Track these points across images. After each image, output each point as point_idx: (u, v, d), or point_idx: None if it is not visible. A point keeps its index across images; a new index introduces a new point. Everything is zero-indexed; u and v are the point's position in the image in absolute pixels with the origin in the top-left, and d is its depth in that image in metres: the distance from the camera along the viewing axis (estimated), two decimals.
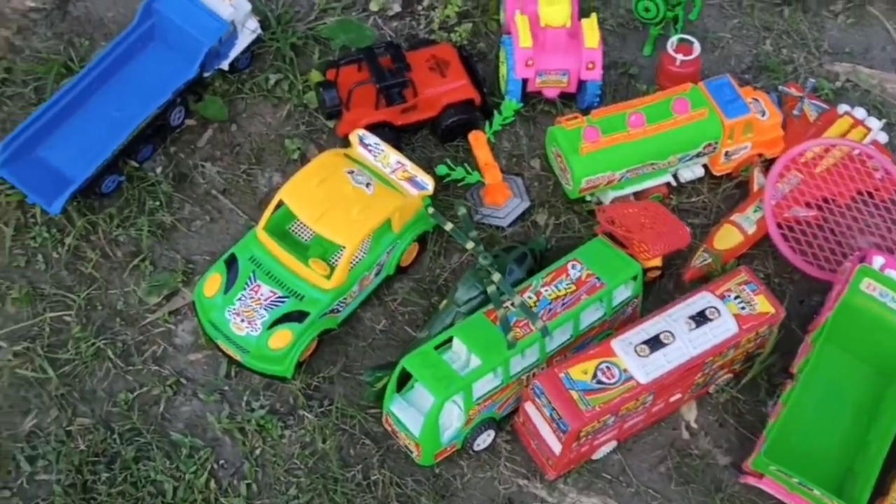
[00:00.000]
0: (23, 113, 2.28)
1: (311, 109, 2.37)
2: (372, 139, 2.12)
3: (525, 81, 2.32)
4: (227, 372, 2.03)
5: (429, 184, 2.09)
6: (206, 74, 2.30)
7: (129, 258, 2.16)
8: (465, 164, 2.21)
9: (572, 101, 2.41)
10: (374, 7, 2.54)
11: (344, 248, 1.95)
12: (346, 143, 2.26)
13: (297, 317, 1.95)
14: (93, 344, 2.04)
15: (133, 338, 2.07)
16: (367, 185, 2.02)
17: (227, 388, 2.03)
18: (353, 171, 2.04)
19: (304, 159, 2.32)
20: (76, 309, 2.08)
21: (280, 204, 2.01)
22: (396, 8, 2.54)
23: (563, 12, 2.25)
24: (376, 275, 2.08)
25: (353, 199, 1.98)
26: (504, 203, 2.25)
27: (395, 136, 2.26)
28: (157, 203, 2.22)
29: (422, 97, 2.26)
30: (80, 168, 2.10)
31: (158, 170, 2.27)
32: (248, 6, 2.34)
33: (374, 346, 2.10)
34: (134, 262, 2.15)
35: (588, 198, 2.25)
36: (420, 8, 2.56)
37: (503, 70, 2.37)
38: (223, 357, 2.02)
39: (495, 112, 2.27)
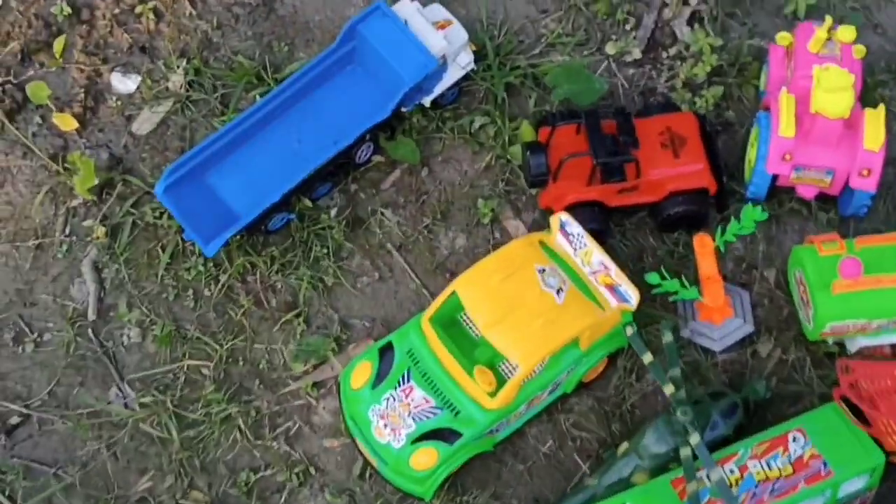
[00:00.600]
0: (204, 122, 2.09)
1: (514, 164, 2.05)
2: (575, 228, 1.78)
3: (776, 176, 1.90)
4: (362, 472, 1.79)
5: (633, 298, 1.73)
6: (404, 109, 2.02)
7: (282, 310, 1.94)
8: (683, 277, 1.83)
9: (831, 204, 1.97)
10: (610, 50, 2.16)
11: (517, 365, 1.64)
12: (545, 215, 1.94)
13: (448, 436, 1.67)
14: (224, 409, 1.83)
15: (269, 407, 1.86)
16: (559, 290, 1.69)
17: (358, 489, 1.78)
18: (544, 270, 1.71)
19: (495, 223, 2.01)
20: (216, 361, 1.89)
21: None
22: (636, 53, 2.16)
23: (843, 102, 1.79)
24: (550, 392, 1.75)
25: (538, 307, 1.66)
26: (721, 322, 1.86)
27: (605, 217, 1.91)
28: (325, 251, 1.98)
29: (645, 178, 1.89)
30: (247, 206, 1.88)
31: (333, 212, 2.02)
32: (465, 37, 2.03)
33: (533, 471, 1.80)
34: (287, 316, 1.93)
35: (829, 340, 1.82)
36: (665, 56, 2.17)
37: (751, 154, 1.95)
38: (360, 453, 1.78)
39: (732, 218, 1.85)
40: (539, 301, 1.67)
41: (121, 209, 2.01)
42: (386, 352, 1.75)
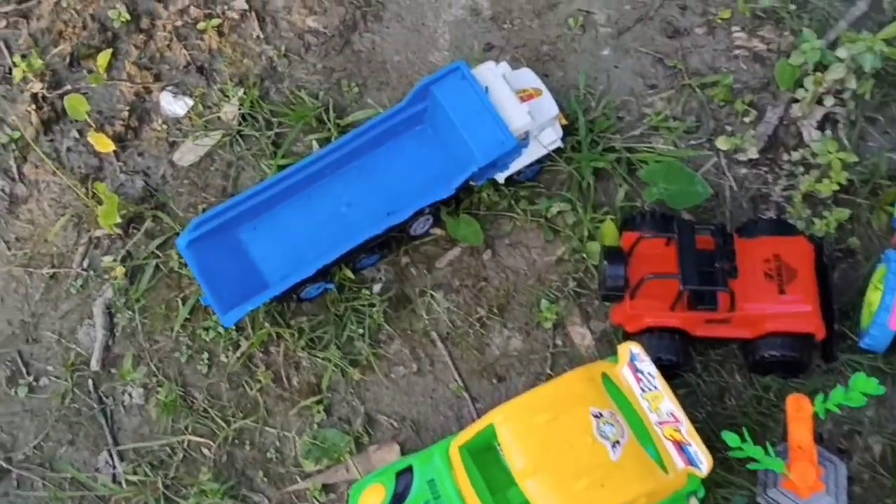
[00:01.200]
0: (253, 161, 1.89)
1: (590, 263, 1.79)
2: (647, 366, 1.52)
3: None
4: None
5: (704, 464, 1.47)
6: (474, 184, 1.78)
7: (303, 393, 1.73)
8: (767, 441, 1.55)
9: None
10: (722, 144, 1.88)
11: None
12: (616, 332, 1.69)
13: None
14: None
15: None
16: (615, 443, 1.43)
17: None
18: (601, 415, 1.45)
19: (558, 328, 1.76)
20: (220, 441, 1.68)
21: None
22: (753, 152, 1.88)
23: None
24: None
25: (587, 461, 1.41)
26: (809, 496, 1.57)
27: (686, 346, 1.65)
28: (361, 330, 1.75)
29: (741, 312, 1.62)
30: (279, 275, 1.67)
31: (377, 287, 1.79)
32: (554, 112, 1.78)
33: None
34: (307, 402, 1.71)
35: None
36: (786, 160, 1.88)
37: (873, 298, 1.66)
38: None
39: (838, 385, 1.56)
40: (590, 453, 1.41)
41: (145, 248, 1.82)
42: (404, 475, 1.52)
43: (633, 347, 1.53)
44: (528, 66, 1.89)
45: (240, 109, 1.90)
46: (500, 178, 1.79)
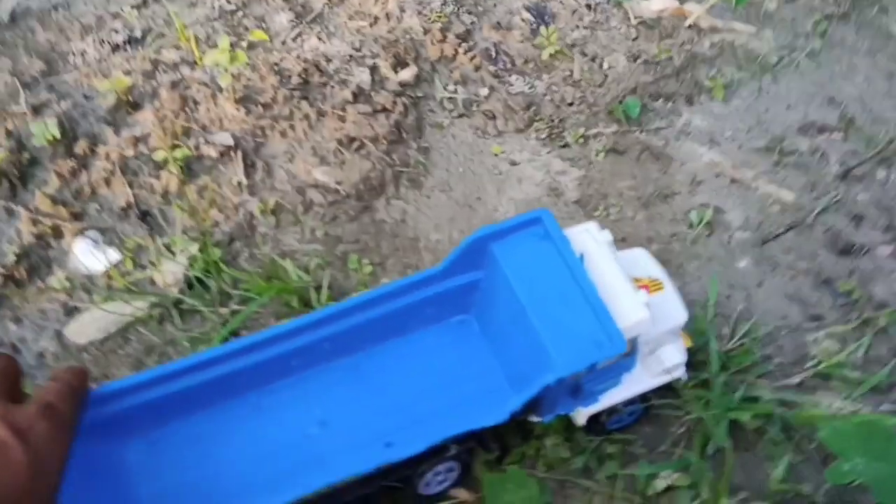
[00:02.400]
0: (189, 351, 1.22)
1: None
2: None
3: None
4: None
5: None
6: (535, 418, 1.08)
7: None
8: None
9: None
10: None
11: None
12: None
13: None
14: None
15: None
16: None
17: None
18: None
19: None
20: None
21: None
22: None
23: None
24: None
25: None
26: None
27: None
28: None
29: None
30: None
31: None
32: (683, 317, 1.11)
33: None
34: None
35: None
36: None
37: None
38: None
39: None
40: None
41: None
42: None
43: None
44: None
45: (187, 271, 1.27)
46: (580, 416, 1.10)
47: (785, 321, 1.32)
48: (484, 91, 1.60)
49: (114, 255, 1.29)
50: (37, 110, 1.42)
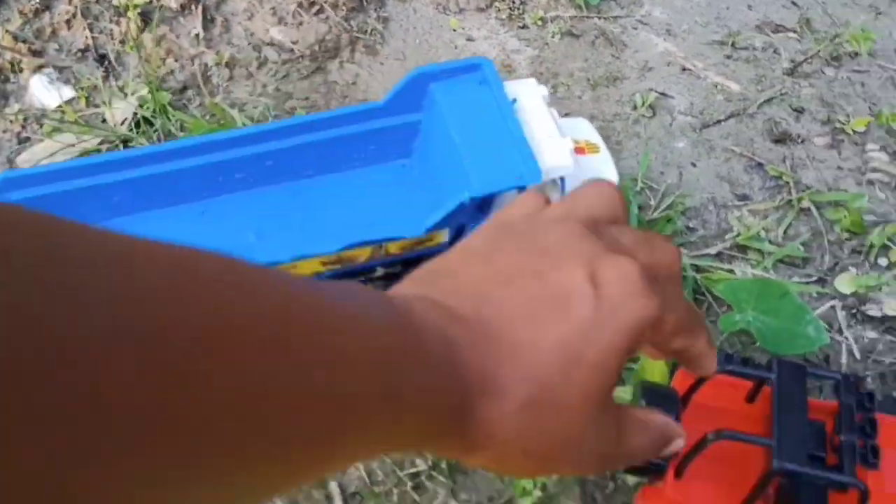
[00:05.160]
0: None
1: None
2: None
3: None
4: None
5: None
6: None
7: None
8: None
9: None
10: (844, 287, 1.28)
11: None
12: None
13: None
14: None
15: None
16: None
17: None
18: None
19: None
20: None
21: None
22: (891, 308, 1.26)
23: None
24: None
25: None
26: None
27: None
28: None
29: None
30: None
31: None
32: (613, 177, 1.20)
33: None
34: None
35: None
36: None
37: None
38: None
39: None
40: None
41: None
42: None
43: None
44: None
45: (136, 113, 1.35)
46: None
47: (712, 198, 1.40)
48: None
49: (68, 92, 1.37)
50: None
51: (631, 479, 1.09)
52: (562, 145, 1.11)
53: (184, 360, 0.31)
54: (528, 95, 1.16)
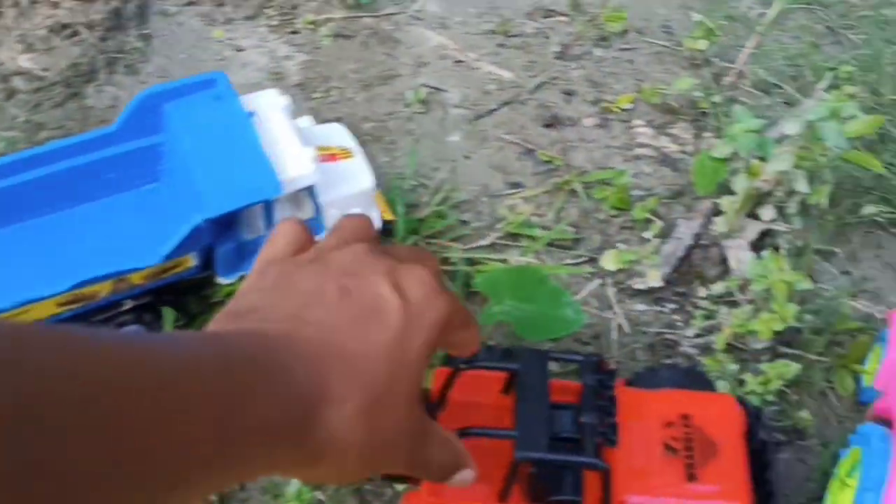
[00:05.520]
0: None
1: None
2: None
3: None
4: None
5: None
6: (219, 280, 1.16)
7: None
8: None
9: None
10: (609, 264, 1.31)
11: None
12: None
13: None
14: None
15: None
16: None
17: None
18: None
19: None
20: None
21: None
22: (655, 280, 1.29)
23: None
24: None
25: None
26: None
27: None
28: None
29: None
30: None
31: None
32: (369, 183, 1.22)
33: None
34: None
35: None
36: (702, 295, 1.30)
37: (839, 499, 1.03)
38: None
39: None
40: None
41: None
42: None
43: None
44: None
45: None
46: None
47: (485, 189, 1.42)
48: None
49: None
50: None
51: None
52: (304, 155, 1.10)
53: (4, 433, 0.34)
54: (268, 107, 1.15)
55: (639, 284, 1.30)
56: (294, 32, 1.63)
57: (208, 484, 0.48)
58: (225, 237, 1.10)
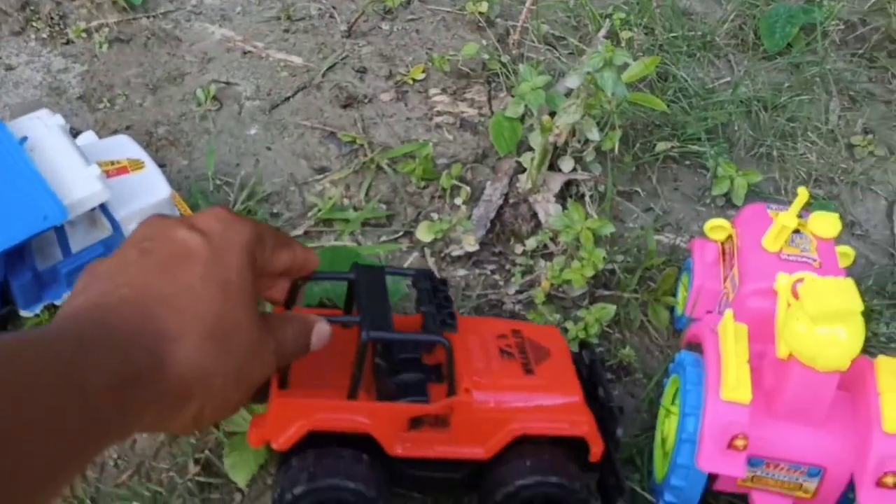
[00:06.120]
0: None
1: None
2: None
3: (714, 476, 1.04)
4: None
5: None
6: (22, 312, 1.11)
7: None
8: None
9: None
10: (423, 235, 1.33)
11: None
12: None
13: None
14: None
15: None
16: None
17: None
18: None
19: None
20: None
21: None
22: (470, 244, 1.33)
23: (845, 344, 0.96)
24: None
25: None
26: None
27: (382, 479, 0.97)
28: None
29: (466, 402, 0.97)
30: None
31: None
32: (165, 191, 1.20)
33: None
34: None
35: None
36: (519, 251, 1.34)
37: (666, 428, 1.09)
38: None
39: None
40: None
41: None
42: None
43: None
44: None
45: None
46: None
47: (292, 178, 1.41)
48: None
49: None
50: None
51: None
52: (88, 174, 1.07)
53: None
54: (42, 129, 1.11)
55: (456, 251, 1.33)
56: (67, 43, 1.57)
57: (84, 447, 0.56)
58: (18, 269, 1.06)
